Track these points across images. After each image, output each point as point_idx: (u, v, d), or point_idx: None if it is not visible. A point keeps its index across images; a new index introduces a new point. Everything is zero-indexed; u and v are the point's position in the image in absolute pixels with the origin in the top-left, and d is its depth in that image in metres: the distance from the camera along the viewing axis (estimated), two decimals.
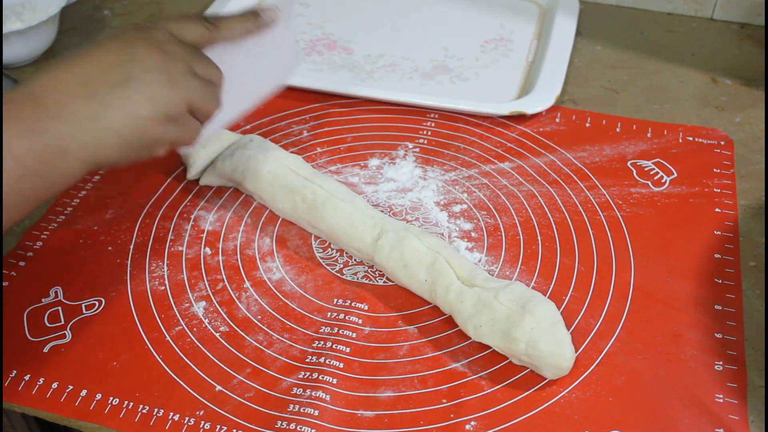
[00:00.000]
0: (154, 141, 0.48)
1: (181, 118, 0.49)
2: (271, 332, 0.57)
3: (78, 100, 0.45)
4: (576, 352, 0.55)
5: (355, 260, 0.63)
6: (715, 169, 0.70)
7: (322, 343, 0.56)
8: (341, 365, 0.55)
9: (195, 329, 0.57)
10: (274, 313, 0.59)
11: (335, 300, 0.60)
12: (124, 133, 0.46)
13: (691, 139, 0.74)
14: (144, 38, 0.49)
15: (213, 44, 0.54)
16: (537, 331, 0.52)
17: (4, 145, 0.42)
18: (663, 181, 0.69)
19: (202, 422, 0.51)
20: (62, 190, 0.46)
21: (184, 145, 0.52)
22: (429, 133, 0.75)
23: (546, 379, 0.53)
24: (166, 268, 0.62)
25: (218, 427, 0.51)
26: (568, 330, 0.54)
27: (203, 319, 0.58)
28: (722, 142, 0.73)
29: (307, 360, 0.55)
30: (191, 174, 0.69)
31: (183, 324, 0.58)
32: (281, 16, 0.59)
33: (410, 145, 0.74)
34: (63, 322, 0.58)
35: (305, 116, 0.77)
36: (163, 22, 0.51)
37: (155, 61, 0.48)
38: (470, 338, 0.55)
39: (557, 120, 0.76)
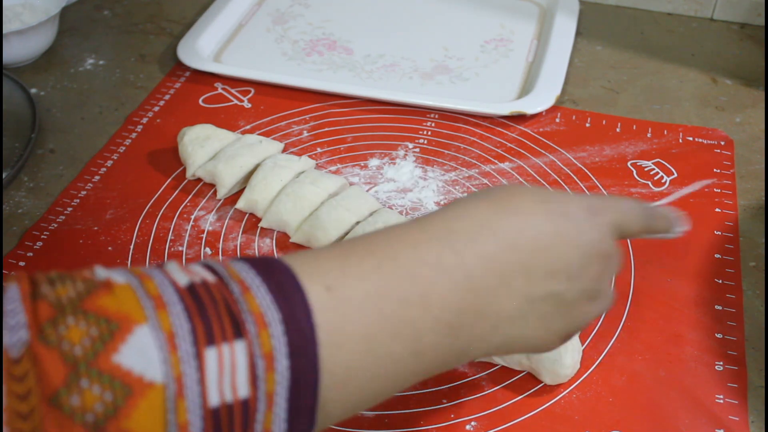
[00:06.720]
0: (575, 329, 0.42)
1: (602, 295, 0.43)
2: None
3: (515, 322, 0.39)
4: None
5: None
6: (715, 169, 0.70)
7: None
8: None
9: None
10: None
11: None
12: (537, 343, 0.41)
13: (691, 139, 0.74)
14: (591, 220, 0.40)
15: (638, 237, 0.46)
16: None
17: (436, 298, 0.35)
18: (663, 181, 0.69)
19: None
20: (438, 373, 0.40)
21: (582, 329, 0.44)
22: (429, 133, 0.75)
23: None
24: None
25: None
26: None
27: None
28: (722, 142, 0.73)
29: None
30: (190, 173, 0.69)
31: None
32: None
33: (410, 145, 0.74)
34: None
35: (305, 116, 0.77)
36: (611, 206, 0.42)
37: (598, 265, 0.40)
38: None
39: (557, 120, 0.76)
